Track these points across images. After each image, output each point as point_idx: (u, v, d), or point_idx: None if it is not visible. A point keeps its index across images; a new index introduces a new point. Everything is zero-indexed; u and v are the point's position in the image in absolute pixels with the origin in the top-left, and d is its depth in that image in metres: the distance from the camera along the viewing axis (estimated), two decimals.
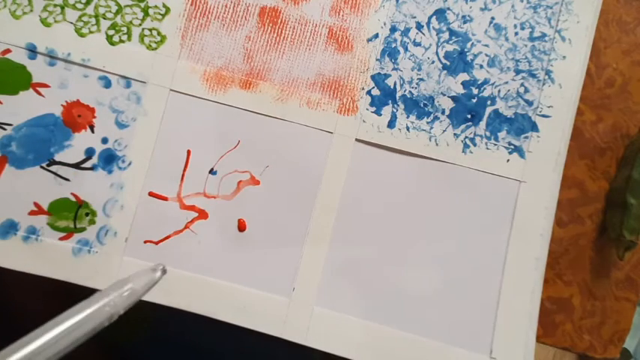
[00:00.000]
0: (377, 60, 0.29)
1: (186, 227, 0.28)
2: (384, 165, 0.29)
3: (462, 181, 0.29)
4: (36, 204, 0.28)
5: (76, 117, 0.28)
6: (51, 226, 0.28)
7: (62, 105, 0.28)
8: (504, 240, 0.28)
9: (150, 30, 0.29)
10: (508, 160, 0.29)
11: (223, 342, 0.32)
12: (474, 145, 0.29)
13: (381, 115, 0.29)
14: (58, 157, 0.28)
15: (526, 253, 0.28)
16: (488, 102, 0.29)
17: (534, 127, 0.29)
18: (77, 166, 0.28)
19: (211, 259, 0.28)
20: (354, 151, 0.29)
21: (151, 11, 0.29)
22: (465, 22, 0.29)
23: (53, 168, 0.28)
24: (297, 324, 0.27)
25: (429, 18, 0.29)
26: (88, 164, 0.28)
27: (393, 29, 0.29)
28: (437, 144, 0.29)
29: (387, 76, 0.29)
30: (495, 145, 0.29)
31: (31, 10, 0.28)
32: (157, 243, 0.28)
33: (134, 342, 0.34)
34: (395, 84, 0.29)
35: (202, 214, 0.28)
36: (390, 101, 0.29)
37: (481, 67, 0.29)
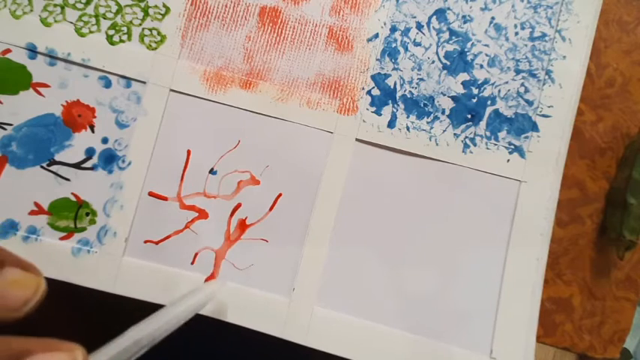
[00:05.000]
0: (377, 60, 0.29)
1: (186, 227, 0.28)
2: (384, 165, 0.29)
3: (462, 181, 0.29)
4: (36, 204, 0.28)
5: (76, 117, 0.28)
6: (51, 226, 0.28)
7: (62, 105, 0.28)
8: (504, 240, 0.28)
9: (150, 30, 0.29)
10: (508, 160, 0.29)
11: (223, 342, 0.32)
12: (474, 145, 0.29)
13: (381, 115, 0.29)
14: (58, 157, 0.28)
15: (526, 253, 0.28)
16: (489, 102, 0.29)
17: (534, 127, 0.29)
18: (77, 165, 0.28)
19: (211, 259, 0.28)
20: (354, 151, 0.29)
21: (151, 11, 0.29)
22: (465, 22, 0.29)
23: (53, 168, 0.28)
24: (297, 324, 0.27)
25: (429, 18, 0.29)
26: (88, 164, 0.28)
27: (393, 29, 0.29)
28: (437, 144, 0.29)
29: (387, 76, 0.29)
30: (495, 145, 0.29)
31: (31, 10, 0.28)
32: (157, 243, 0.28)
33: None
34: (395, 84, 0.29)
35: (202, 214, 0.28)
36: (390, 101, 0.29)
37: (481, 67, 0.29)
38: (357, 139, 0.29)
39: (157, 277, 0.27)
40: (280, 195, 0.29)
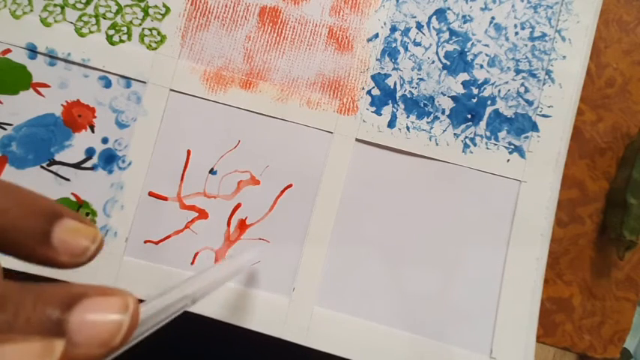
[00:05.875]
0: (377, 60, 0.29)
1: (186, 227, 0.28)
2: (384, 165, 0.29)
3: (462, 181, 0.29)
4: None
5: (77, 117, 0.28)
6: None
7: (62, 105, 0.28)
8: (504, 240, 0.28)
9: (150, 30, 0.29)
10: (508, 160, 0.29)
11: (223, 342, 0.32)
12: (474, 145, 0.29)
13: (381, 115, 0.29)
14: (58, 157, 0.28)
15: (526, 253, 0.28)
16: (489, 102, 0.29)
17: (534, 127, 0.29)
18: (77, 166, 0.28)
19: (211, 259, 0.28)
20: (354, 151, 0.29)
21: (151, 11, 0.29)
22: (465, 22, 0.29)
23: (53, 168, 0.28)
24: (297, 324, 0.27)
25: (429, 18, 0.29)
26: (88, 164, 0.28)
27: (393, 29, 0.29)
28: (437, 144, 0.29)
29: (387, 76, 0.29)
30: (495, 145, 0.29)
31: (31, 10, 0.28)
32: (156, 243, 0.28)
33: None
34: (395, 84, 0.29)
35: (202, 214, 0.28)
36: (390, 101, 0.29)
37: (481, 67, 0.29)
38: (357, 139, 0.29)
39: (157, 277, 0.27)
40: (280, 195, 0.29)
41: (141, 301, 0.16)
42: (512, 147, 0.29)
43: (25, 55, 0.28)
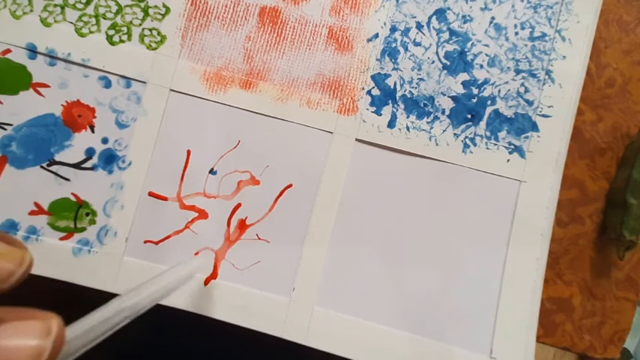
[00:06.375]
0: (377, 60, 0.29)
1: (186, 227, 0.28)
2: (384, 165, 0.29)
3: (462, 181, 0.29)
4: (36, 204, 0.28)
5: (77, 117, 0.28)
6: (51, 226, 0.28)
7: (62, 105, 0.28)
8: (504, 240, 0.28)
9: (150, 30, 0.29)
10: (508, 160, 0.29)
11: (223, 342, 0.32)
12: (474, 145, 0.29)
13: (381, 115, 0.29)
14: (58, 157, 0.28)
15: (526, 253, 0.28)
16: (489, 102, 0.29)
17: (534, 127, 0.29)
18: (77, 166, 0.28)
19: (211, 259, 0.28)
20: (354, 151, 0.29)
21: (151, 11, 0.29)
22: (465, 22, 0.29)
23: (53, 168, 0.28)
24: (297, 324, 0.27)
25: (429, 18, 0.29)
26: (88, 164, 0.28)
27: (393, 29, 0.29)
28: (437, 144, 0.29)
29: (387, 76, 0.29)
30: (495, 145, 0.29)
31: (31, 10, 0.28)
32: (156, 243, 0.28)
33: (131, 341, 0.34)
34: (395, 84, 0.29)
35: (202, 214, 0.28)
36: (390, 101, 0.29)
37: (481, 67, 0.29)
38: (357, 139, 0.29)
39: None
40: (280, 195, 0.29)
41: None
42: (512, 147, 0.29)
43: (25, 55, 0.28)
